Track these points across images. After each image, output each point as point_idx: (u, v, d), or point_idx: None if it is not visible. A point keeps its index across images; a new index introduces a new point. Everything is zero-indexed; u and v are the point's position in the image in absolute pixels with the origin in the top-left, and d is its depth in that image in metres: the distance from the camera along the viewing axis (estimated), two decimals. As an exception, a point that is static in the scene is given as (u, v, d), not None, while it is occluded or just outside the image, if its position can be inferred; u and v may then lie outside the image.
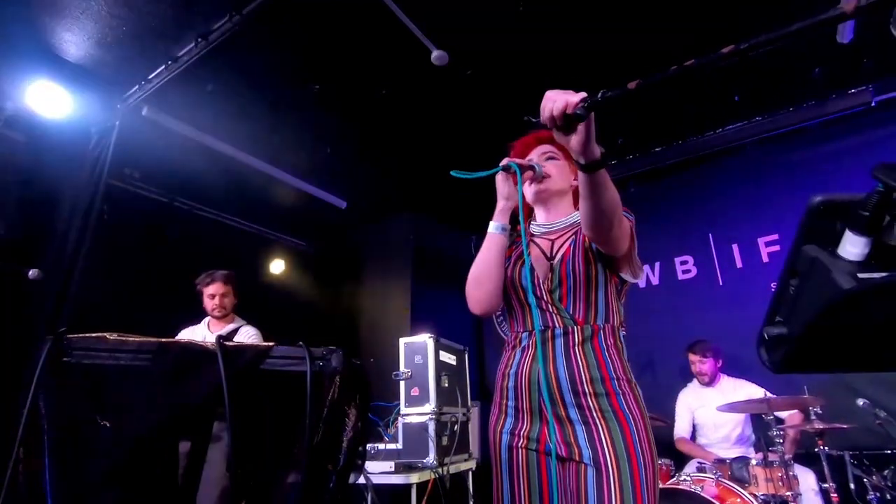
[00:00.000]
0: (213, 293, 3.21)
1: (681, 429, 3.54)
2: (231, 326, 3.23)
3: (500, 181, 1.37)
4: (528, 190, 1.45)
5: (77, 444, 0.62)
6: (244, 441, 0.70)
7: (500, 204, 1.38)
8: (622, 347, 1.33)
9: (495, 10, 2.75)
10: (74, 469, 0.62)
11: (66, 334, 0.70)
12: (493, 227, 1.39)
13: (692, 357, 3.52)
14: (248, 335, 3.21)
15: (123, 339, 0.71)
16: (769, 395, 2.80)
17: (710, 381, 3.48)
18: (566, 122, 0.97)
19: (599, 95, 0.87)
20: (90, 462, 0.62)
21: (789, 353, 0.51)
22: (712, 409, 3.33)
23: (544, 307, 1.34)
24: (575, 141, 1.01)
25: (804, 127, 3.77)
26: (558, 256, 1.39)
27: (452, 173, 1.25)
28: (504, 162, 1.32)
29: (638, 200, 4.46)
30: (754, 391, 3.28)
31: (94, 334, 0.72)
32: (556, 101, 0.96)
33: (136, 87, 3.24)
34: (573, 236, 1.41)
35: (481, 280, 1.38)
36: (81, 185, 3.24)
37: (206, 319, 3.27)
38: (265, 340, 1.68)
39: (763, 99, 3.66)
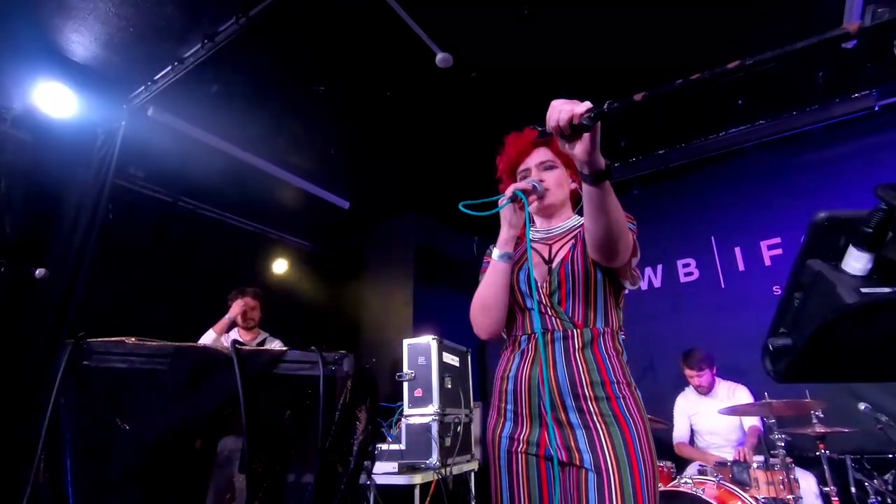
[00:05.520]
0: (243, 306, 3.44)
1: (679, 434, 3.56)
2: (258, 338, 3.49)
3: (508, 210, 1.35)
4: (531, 209, 1.45)
5: (97, 446, 0.64)
6: (258, 443, 0.72)
7: (507, 233, 1.36)
8: (622, 351, 1.34)
9: (499, 12, 2.76)
10: (95, 470, 0.63)
11: (85, 338, 0.71)
12: (498, 255, 1.37)
13: (688, 371, 3.50)
14: (274, 347, 3.35)
15: (141, 343, 0.73)
16: (769, 398, 2.81)
17: (709, 390, 3.50)
18: (572, 131, 0.98)
19: (605, 106, 0.89)
20: (110, 463, 0.63)
21: (793, 363, 0.53)
22: (709, 415, 3.38)
23: (543, 310, 1.34)
24: (580, 150, 1.01)
25: (807, 131, 3.78)
26: (557, 260, 1.39)
27: (461, 207, 1.25)
28: (509, 193, 1.30)
29: (640, 203, 4.47)
30: (746, 397, 3.33)
31: (112, 338, 0.73)
32: (561, 110, 0.97)
33: (143, 87, 3.27)
34: (572, 240, 1.41)
35: (488, 308, 1.38)
36: (87, 184, 3.27)
37: (235, 329, 3.49)
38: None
39: (766, 102, 3.66)
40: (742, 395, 3.36)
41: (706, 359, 3.46)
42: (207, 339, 3.29)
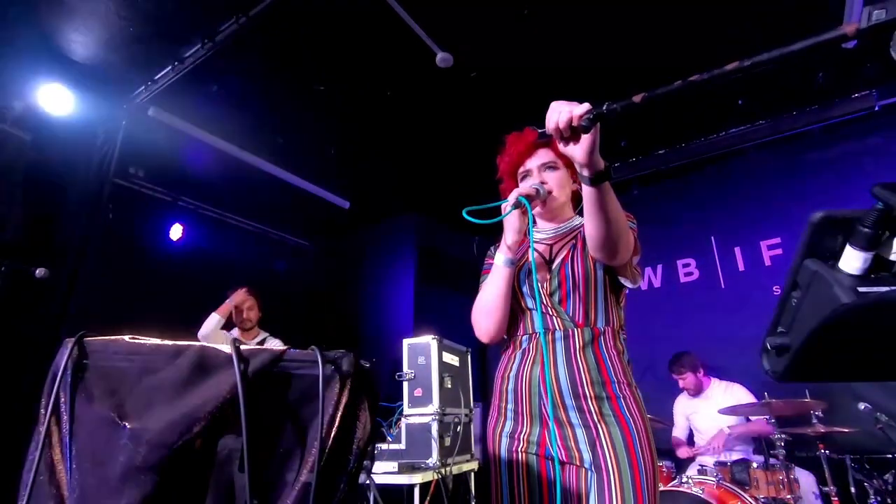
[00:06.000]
0: (239, 308, 3.41)
1: (677, 433, 3.61)
2: (259, 338, 3.47)
3: (512, 215, 1.32)
4: (535, 212, 1.44)
5: (97, 445, 0.64)
6: (258, 442, 0.72)
7: (510, 237, 1.33)
8: (623, 350, 1.34)
9: (499, 12, 2.76)
10: (94, 470, 0.63)
11: (84, 337, 0.71)
12: (502, 260, 1.35)
13: (673, 376, 3.57)
14: (274, 347, 3.36)
15: (140, 341, 0.73)
16: (769, 398, 2.81)
17: (697, 392, 3.52)
18: (571, 133, 0.98)
19: (605, 107, 0.89)
20: (109, 463, 0.64)
21: (791, 362, 0.53)
22: (705, 416, 3.41)
23: (544, 310, 1.35)
24: (579, 151, 1.02)
25: (807, 131, 3.78)
26: (557, 260, 1.39)
27: (465, 215, 1.23)
28: (513, 199, 1.27)
29: (640, 202, 4.47)
30: (742, 395, 3.34)
31: (110, 337, 0.73)
32: (560, 112, 0.97)
33: (143, 87, 3.27)
34: (573, 240, 1.41)
35: (491, 312, 1.37)
36: (87, 184, 3.27)
37: (234, 329, 3.48)
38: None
39: (766, 102, 3.67)
40: (739, 394, 3.38)
41: (686, 362, 3.50)
42: (212, 322, 3.29)
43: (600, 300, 1.34)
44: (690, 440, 3.59)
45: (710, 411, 3.35)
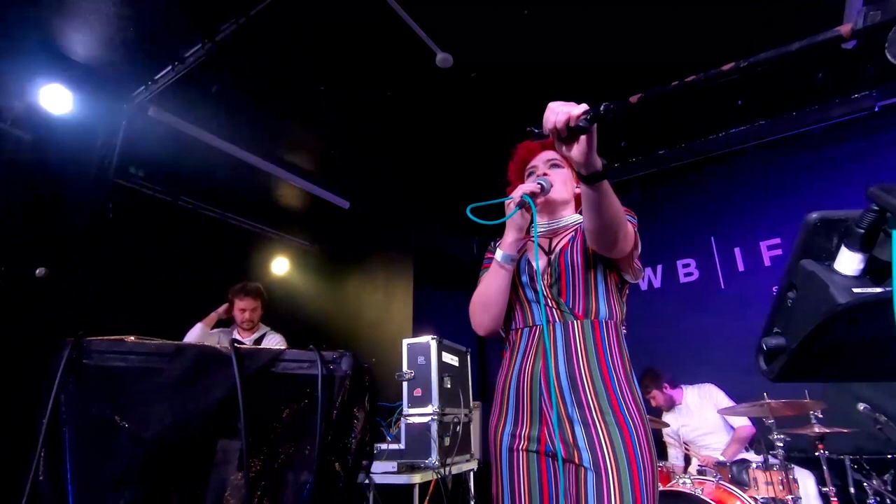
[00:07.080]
0: (243, 308, 3.38)
1: (676, 453, 3.54)
2: (258, 334, 3.44)
3: (515, 214, 1.33)
4: (537, 207, 1.45)
5: (97, 444, 0.64)
6: (257, 441, 0.72)
7: (512, 235, 1.34)
8: (623, 344, 1.34)
9: (499, 12, 2.77)
10: (94, 469, 0.64)
11: (84, 337, 0.72)
12: (502, 256, 1.36)
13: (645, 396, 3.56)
14: (273, 342, 3.34)
15: (141, 341, 0.73)
16: (768, 398, 2.81)
17: (670, 406, 3.52)
18: (569, 133, 0.98)
19: (602, 108, 0.89)
20: (109, 462, 0.64)
21: (786, 363, 0.53)
22: (693, 426, 3.42)
23: (544, 302, 1.35)
24: (577, 152, 1.02)
25: (807, 131, 3.78)
26: (557, 251, 1.40)
27: (469, 214, 1.23)
28: (517, 197, 1.28)
29: (640, 202, 4.47)
30: (716, 393, 3.36)
31: (112, 337, 0.74)
32: (558, 112, 0.98)
33: (143, 87, 3.27)
34: (573, 233, 1.42)
35: (488, 306, 1.38)
36: (87, 184, 3.28)
37: (235, 329, 3.45)
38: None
39: (766, 102, 3.67)
40: (713, 393, 3.41)
41: (646, 382, 3.50)
42: (196, 331, 3.27)
43: (601, 292, 1.34)
44: (686, 460, 3.51)
45: (695, 418, 3.37)
